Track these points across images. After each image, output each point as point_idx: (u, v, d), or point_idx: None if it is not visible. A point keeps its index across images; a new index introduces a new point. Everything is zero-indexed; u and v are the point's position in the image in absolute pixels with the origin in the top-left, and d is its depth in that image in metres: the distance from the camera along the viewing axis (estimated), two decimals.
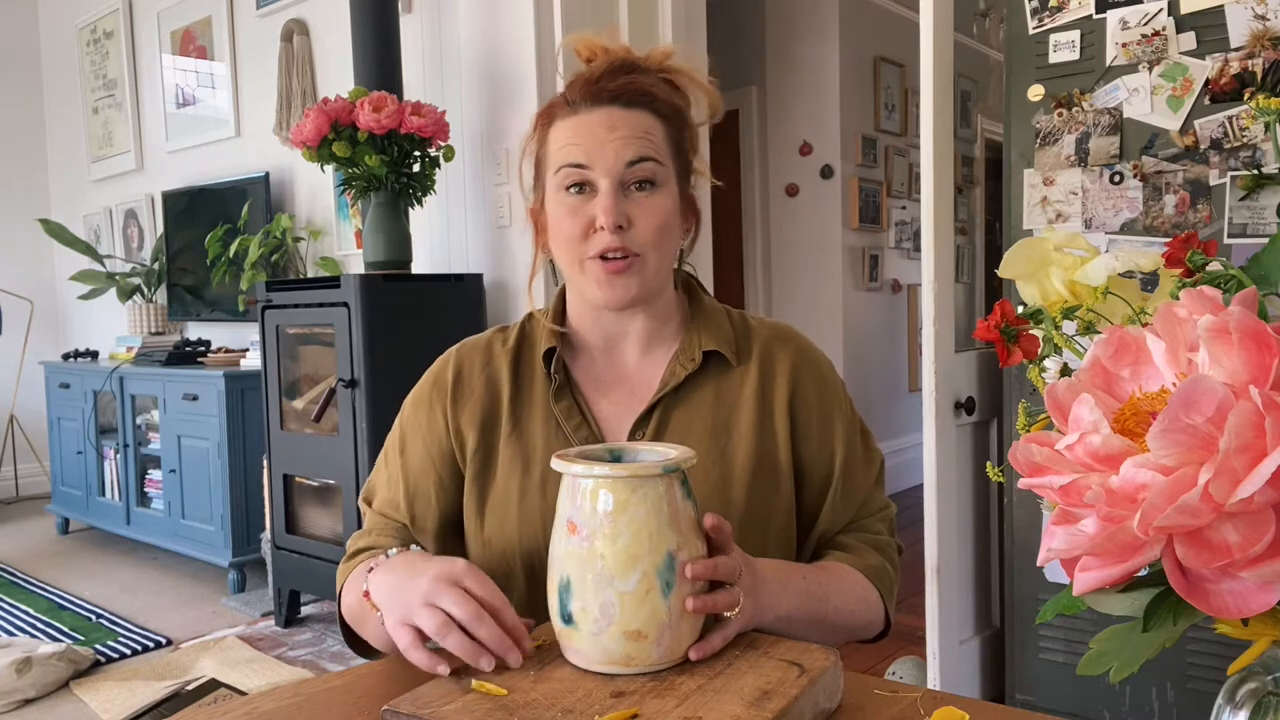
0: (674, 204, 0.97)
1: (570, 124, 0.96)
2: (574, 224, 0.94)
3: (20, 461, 5.21)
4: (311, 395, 2.98)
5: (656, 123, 0.96)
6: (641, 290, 0.96)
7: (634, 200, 0.94)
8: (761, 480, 0.98)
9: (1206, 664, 1.80)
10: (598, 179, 0.94)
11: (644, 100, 0.96)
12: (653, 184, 0.95)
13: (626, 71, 0.97)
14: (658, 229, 0.94)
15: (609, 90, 0.95)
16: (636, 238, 0.94)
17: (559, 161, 0.95)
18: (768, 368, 1.02)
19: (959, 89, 2.28)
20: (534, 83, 2.84)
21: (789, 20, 4.74)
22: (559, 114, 0.97)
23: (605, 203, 0.93)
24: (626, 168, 0.93)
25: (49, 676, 2.57)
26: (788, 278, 4.86)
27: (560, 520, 0.78)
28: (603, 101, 0.95)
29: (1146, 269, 0.60)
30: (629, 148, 0.93)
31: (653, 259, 0.95)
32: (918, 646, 2.30)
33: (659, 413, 0.99)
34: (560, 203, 0.96)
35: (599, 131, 0.94)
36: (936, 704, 0.75)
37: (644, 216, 0.94)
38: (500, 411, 1.02)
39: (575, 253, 0.95)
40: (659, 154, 0.95)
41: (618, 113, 0.95)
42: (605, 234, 0.93)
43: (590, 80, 0.96)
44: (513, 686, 0.73)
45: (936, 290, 2.11)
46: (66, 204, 5.31)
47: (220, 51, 4.15)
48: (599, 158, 0.93)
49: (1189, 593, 0.47)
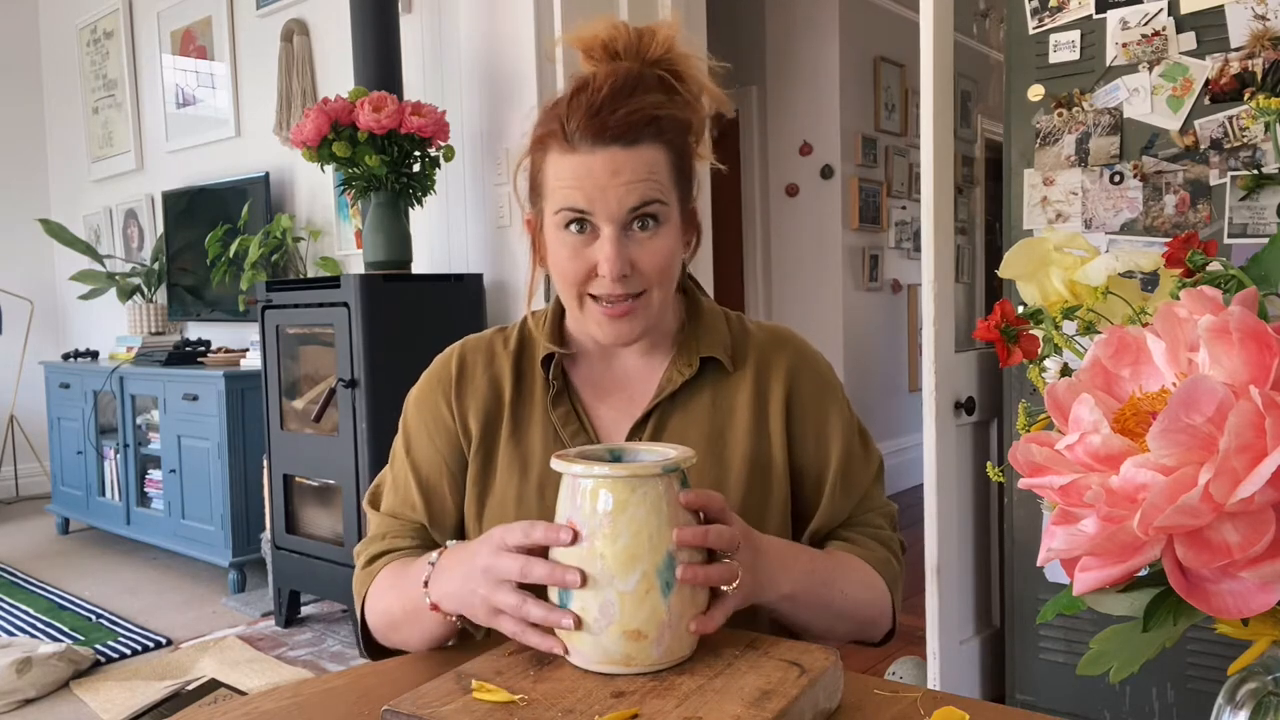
0: (676, 236, 0.95)
1: (570, 164, 0.91)
2: (575, 266, 0.92)
3: (20, 461, 5.21)
4: (311, 395, 2.98)
5: (661, 154, 0.92)
6: (645, 328, 0.96)
7: (636, 240, 0.92)
8: (757, 484, 0.99)
9: (1206, 664, 1.80)
10: (600, 223, 0.91)
11: (648, 132, 0.91)
12: (656, 220, 0.92)
13: (628, 93, 0.91)
14: (660, 270, 0.93)
15: (611, 128, 0.89)
16: (639, 280, 0.93)
17: (558, 202, 0.92)
18: (764, 372, 1.02)
19: (959, 89, 2.28)
20: (534, 83, 2.84)
21: (789, 20, 4.73)
22: (557, 146, 0.92)
23: (608, 251, 0.90)
24: (629, 213, 0.91)
25: (49, 676, 2.57)
26: (788, 278, 4.86)
27: (560, 520, 0.78)
28: (604, 141, 0.89)
29: (1146, 269, 0.60)
30: (632, 194, 0.90)
31: (656, 296, 0.95)
32: (918, 646, 2.30)
33: (655, 418, 1.00)
34: (561, 241, 0.93)
35: (601, 177, 0.89)
36: (936, 704, 0.75)
37: (646, 257, 0.92)
38: (502, 413, 1.02)
39: (576, 291, 0.94)
40: (663, 193, 0.92)
41: (620, 155, 0.89)
42: (606, 280, 0.91)
43: (591, 112, 0.89)
44: (513, 687, 0.73)
45: (936, 290, 2.11)
46: (66, 204, 5.31)
47: (220, 51, 4.15)
48: (601, 204, 0.90)
49: (1189, 593, 0.47)
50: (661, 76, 0.95)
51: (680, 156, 0.95)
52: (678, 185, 0.95)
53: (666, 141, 0.93)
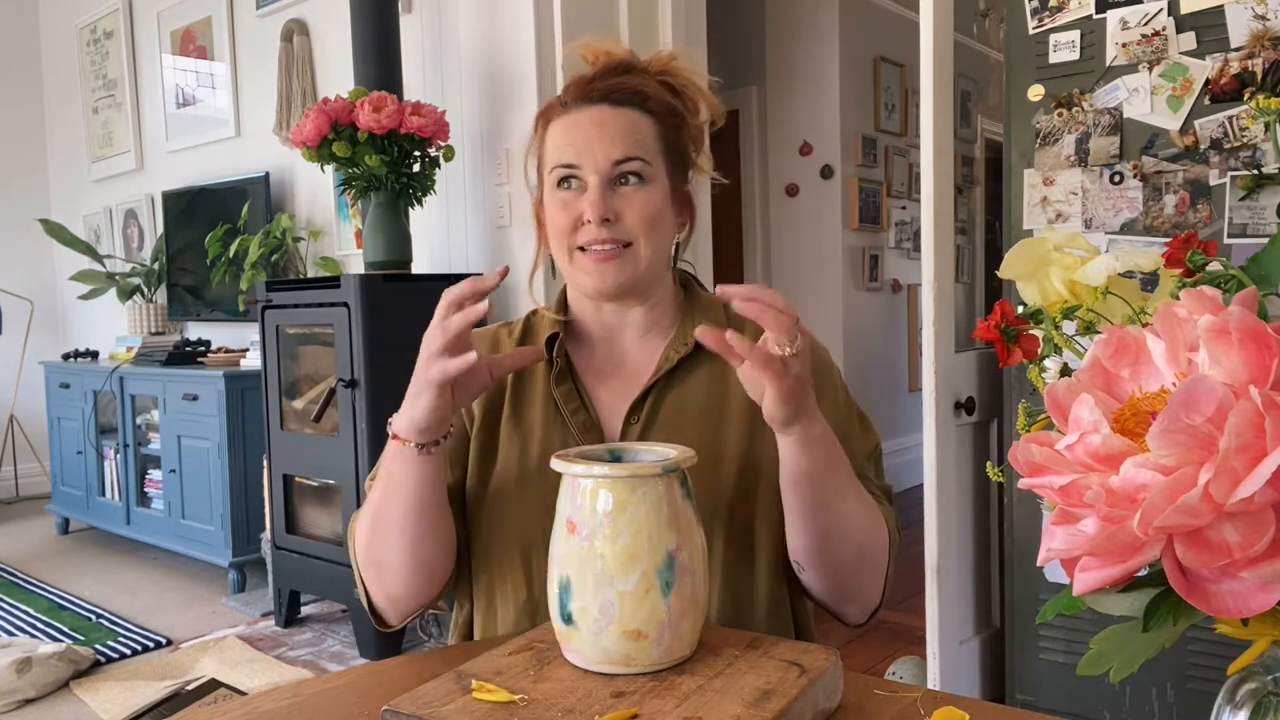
0: (663, 196, 1.01)
1: (563, 123, 1.00)
2: (564, 217, 0.99)
3: (20, 461, 5.21)
4: (311, 395, 2.98)
5: (647, 120, 1.00)
6: (632, 277, 0.99)
7: (622, 195, 0.98)
8: (751, 460, 1.00)
9: (1206, 664, 1.80)
10: (587, 175, 0.98)
11: (634, 99, 1.00)
12: (640, 178, 0.98)
13: (621, 73, 1.01)
14: (645, 219, 0.98)
15: (599, 89, 1.00)
16: (625, 228, 0.98)
17: (553, 161, 1.00)
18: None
19: (959, 89, 2.28)
20: (534, 83, 2.84)
21: (789, 20, 4.74)
22: (555, 114, 1.02)
23: (592, 197, 0.97)
24: (613, 165, 0.97)
25: (49, 676, 2.57)
26: (788, 278, 4.86)
27: (560, 520, 0.78)
28: (593, 100, 0.99)
29: (1146, 269, 0.60)
30: (616, 146, 0.97)
31: (644, 248, 0.99)
32: (918, 646, 2.30)
33: (653, 397, 1.02)
34: (553, 198, 1.00)
35: (589, 130, 0.98)
36: (936, 704, 0.75)
37: (631, 209, 0.98)
38: (503, 397, 1.04)
39: (565, 244, 0.99)
40: (646, 153, 0.99)
41: (607, 111, 0.99)
42: (592, 227, 0.97)
43: (584, 81, 1.01)
44: (513, 687, 0.73)
45: (936, 290, 2.11)
46: (66, 204, 5.31)
47: (220, 51, 4.15)
48: (588, 155, 0.97)
49: (1189, 593, 0.47)
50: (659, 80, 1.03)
51: (668, 133, 1.02)
52: (665, 157, 1.01)
53: (652, 113, 1.01)
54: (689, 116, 1.04)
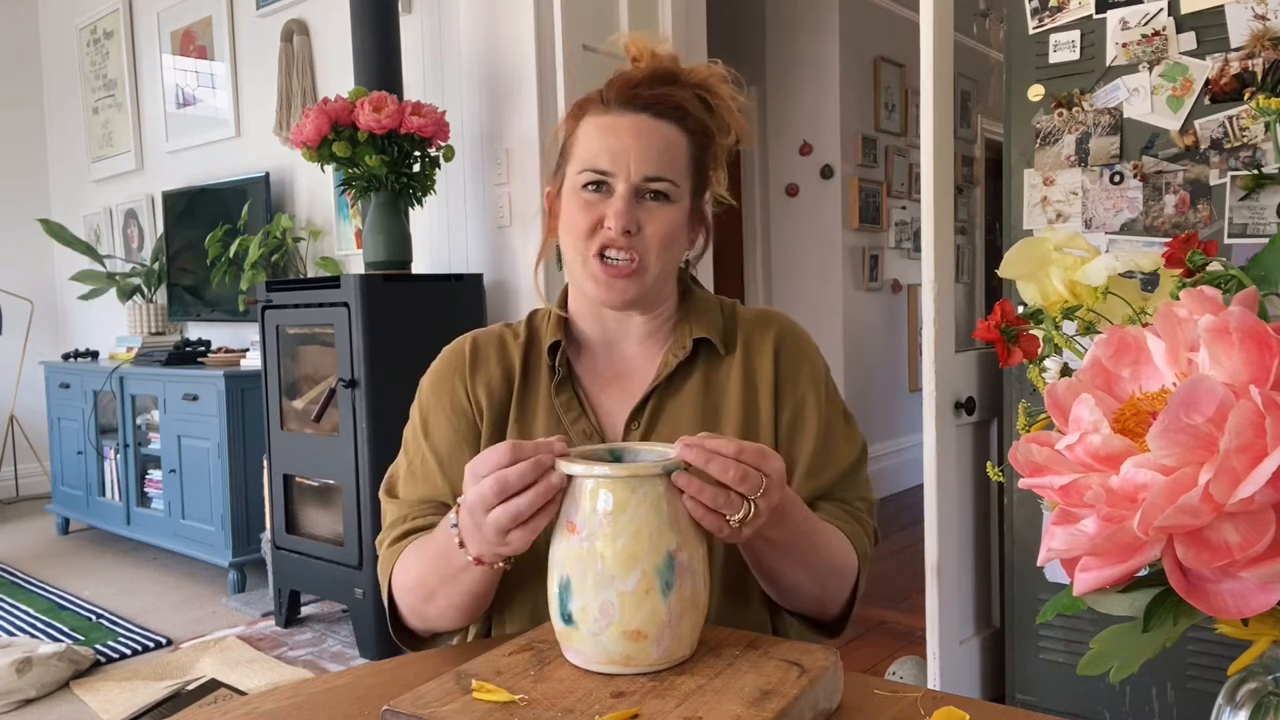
0: (683, 217, 1.02)
1: (601, 124, 1.00)
2: (585, 218, 0.98)
3: (20, 461, 5.21)
4: (311, 395, 2.98)
5: (682, 138, 1.00)
6: (638, 294, 1.00)
7: (646, 208, 0.99)
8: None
9: (1206, 664, 1.80)
10: (616, 184, 0.98)
11: (675, 114, 1.00)
12: (666, 198, 0.99)
13: (666, 82, 1.01)
14: (663, 239, 0.99)
15: (643, 98, 0.99)
16: (641, 244, 0.98)
17: (583, 161, 0.99)
18: (751, 352, 1.06)
19: (959, 89, 2.29)
20: (534, 83, 2.84)
21: (789, 20, 4.73)
22: (593, 109, 1.01)
23: (618, 206, 0.97)
24: (644, 180, 0.98)
25: (49, 676, 2.57)
26: (788, 278, 4.86)
27: (560, 520, 0.78)
28: (635, 107, 0.99)
29: (1146, 269, 0.60)
30: (650, 162, 0.97)
31: (654, 267, 0.99)
32: (918, 646, 2.30)
33: (653, 402, 1.03)
34: (576, 196, 1.00)
35: (626, 138, 0.98)
36: (936, 704, 0.75)
37: (652, 225, 0.98)
38: (510, 400, 1.05)
39: (581, 246, 0.99)
40: (676, 174, 0.99)
41: (646, 121, 0.99)
42: (611, 233, 0.97)
43: (629, 84, 1.00)
44: (513, 687, 0.73)
45: (936, 290, 2.11)
46: (66, 204, 5.31)
47: (220, 51, 4.15)
48: (622, 164, 0.97)
49: (1189, 593, 0.47)
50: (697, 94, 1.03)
51: (698, 151, 1.03)
52: (691, 176, 1.02)
53: (688, 131, 1.01)
54: (718, 136, 1.05)
